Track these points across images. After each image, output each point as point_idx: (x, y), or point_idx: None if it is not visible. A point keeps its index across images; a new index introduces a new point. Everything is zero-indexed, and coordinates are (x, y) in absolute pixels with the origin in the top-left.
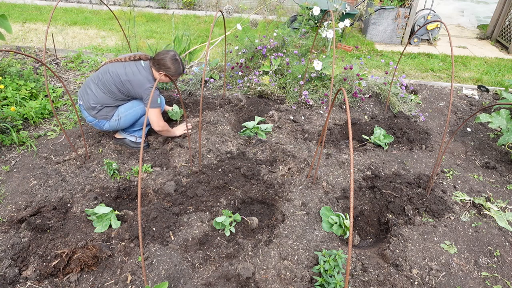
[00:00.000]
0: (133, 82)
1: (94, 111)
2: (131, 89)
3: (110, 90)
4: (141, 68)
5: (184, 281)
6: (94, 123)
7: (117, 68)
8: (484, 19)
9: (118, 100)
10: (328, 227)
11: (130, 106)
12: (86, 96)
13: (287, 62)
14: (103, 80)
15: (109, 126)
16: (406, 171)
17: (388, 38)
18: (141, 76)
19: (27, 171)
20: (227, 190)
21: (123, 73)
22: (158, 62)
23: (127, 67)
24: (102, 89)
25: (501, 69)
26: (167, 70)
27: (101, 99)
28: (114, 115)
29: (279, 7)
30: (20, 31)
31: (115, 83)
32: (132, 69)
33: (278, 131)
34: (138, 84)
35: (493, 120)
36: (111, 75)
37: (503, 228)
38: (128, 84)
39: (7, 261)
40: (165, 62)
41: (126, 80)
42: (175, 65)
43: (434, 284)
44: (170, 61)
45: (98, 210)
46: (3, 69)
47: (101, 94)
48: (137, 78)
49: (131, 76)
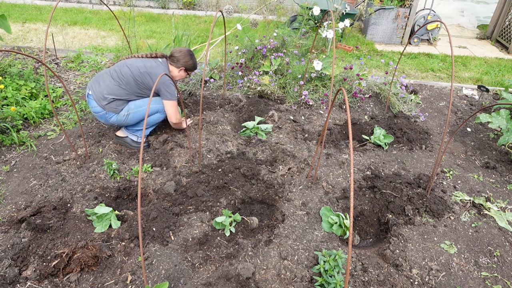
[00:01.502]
0: (153, 75)
1: (104, 101)
2: (149, 81)
3: (126, 81)
4: (160, 63)
5: (184, 281)
6: (101, 115)
7: (135, 62)
8: (484, 19)
9: (132, 94)
10: (328, 227)
11: (141, 103)
12: (98, 87)
13: (287, 62)
14: (120, 72)
15: (116, 120)
16: (406, 171)
17: (388, 38)
18: (160, 69)
19: (27, 171)
20: (227, 190)
21: (142, 65)
22: (177, 58)
23: (145, 62)
24: (117, 81)
25: (501, 69)
26: (186, 64)
27: (114, 91)
28: (124, 110)
29: (279, 7)
30: (20, 31)
31: (133, 75)
32: (151, 63)
33: (278, 131)
34: (156, 76)
35: (493, 120)
36: (129, 68)
37: (503, 228)
38: (147, 76)
39: (7, 261)
40: (184, 57)
41: (145, 72)
42: (193, 59)
43: (434, 284)
44: (188, 56)
45: (98, 210)
46: (3, 69)
47: (115, 86)
48: (157, 71)
49: (150, 69)
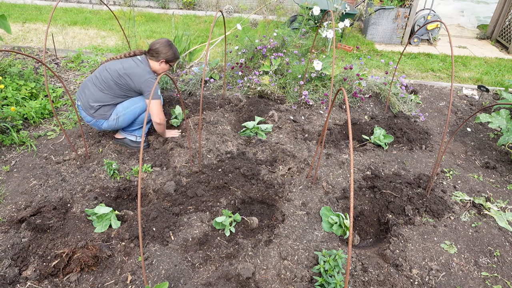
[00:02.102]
0: (132, 76)
1: (92, 110)
2: (130, 83)
3: (108, 86)
4: (138, 62)
5: (184, 281)
6: (93, 123)
7: (114, 65)
8: (484, 19)
9: (116, 97)
10: (328, 227)
11: (128, 105)
12: (84, 96)
13: (287, 62)
14: (101, 78)
15: (107, 125)
16: (406, 171)
17: (388, 38)
18: (139, 69)
19: (27, 171)
20: (227, 190)
21: (120, 67)
22: (156, 51)
23: (123, 63)
24: (99, 87)
25: (501, 69)
26: (166, 56)
27: (99, 98)
28: (112, 115)
29: (279, 7)
30: (20, 31)
31: (113, 78)
32: (130, 63)
33: (278, 131)
34: (137, 76)
35: (493, 120)
36: (108, 72)
37: (503, 228)
38: (127, 77)
39: (7, 261)
40: (163, 48)
41: (124, 73)
42: (172, 49)
43: (434, 284)
44: (167, 47)
45: (98, 210)
46: (3, 69)
47: (98, 92)
48: (136, 71)
49: (129, 70)
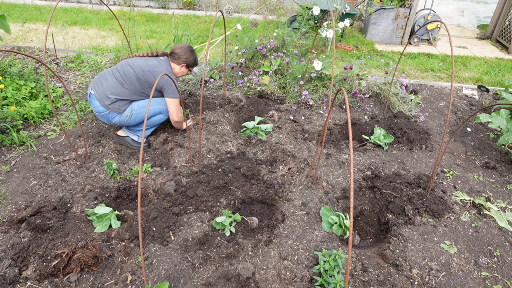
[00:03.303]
0: (156, 74)
1: (107, 101)
2: (152, 80)
3: (130, 81)
4: (162, 61)
5: (184, 281)
6: (104, 115)
7: (137, 61)
8: (484, 19)
9: (135, 93)
10: (328, 227)
11: (144, 104)
12: (101, 87)
13: (287, 62)
14: (123, 72)
15: (119, 120)
16: (406, 171)
17: (388, 38)
18: (163, 67)
19: (27, 171)
20: (227, 190)
21: (144, 64)
22: (178, 55)
23: (148, 61)
24: (120, 80)
25: (501, 69)
26: (187, 60)
27: (118, 91)
28: (127, 110)
29: (279, 7)
30: (20, 31)
31: (136, 74)
32: (154, 62)
33: (278, 131)
34: (159, 74)
35: (493, 120)
36: (132, 67)
37: (503, 228)
38: (150, 75)
39: (7, 261)
40: (185, 53)
41: (148, 70)
42: (193, 55)
43: (434, 284)
44: (189, 52)
45: (98, 210)
46: (3, 69)
47: (119, 86)
48: (160, 70)
49: (153, 68)
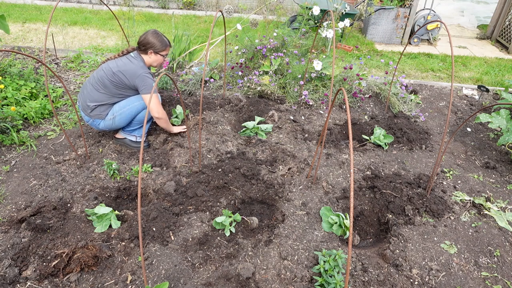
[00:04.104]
0: (126, 72)
1: (88, 110)
2: (124, 79)
3: (103, 85)
4: (132, 59)
5: (184, 281)
6: (90, 123)
7: (109, 64)
8: (484, 19)
9: (113, 96)
10: (328, 227)
11: (124, 104)
12: (82, 96)
13: (287, 62)
14: (97, 77)
15: (104, 125)
16: (406, 171)
17: (388, 38)
18: (132, 65)
19: (27, 171)
20: (227, 190)
21: (114, 66)
22: (143, 45)
23: (118, 61)
24: (96, 86)
25: (501, 69)
26: (153, 46)
27: (95, 97)
28: (109, 114)
29: (279, 7)
30: (20, 31)
31: (108, 76)
32: (123, 61)
33: (278, 131)
34: (131, 72)
35: (493, 120)
36: (104, 71)
37: (503, 228)
38: (121, 74)
39: (7, 261)
40: (148, 40)
41: (118, 71)
42: (158, 38)
43: (434, 284)
44: (151, 37)
45: (98, 210)
46: (3, 69)
47: (95, 92)
48: (129, 67)
49: (122, 67)
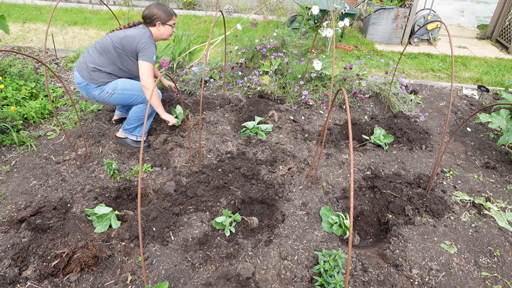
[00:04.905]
0: (130, 37)
1: (85, 71)
2: (127, 45)
3: (107, 50)
4: (140, 29)
5: (184, 281)
6: (83, 86)
7: (117, 33)
8: (484, 19)
9: (113, 64)
10: (328, 227)
11: (129, 87)
12: (82, 58)
13: (287, 62)
14: (102, 43)
15: (98, 95)
16: (406, 171)
17: (388, 38)
18: (140, 33)
19: (27, 171)
20: (227, 190)
21: (122, 34)
22: (148, 17)
23: (126, 31)
24: (99, 49)
25: (501, 69)
26: (158, 17)
27: (96, 60)
28: (109, 87)
29: (279, 7)
30: (20, 31)
31: (113, 42)
32: (132, 30)
33: (278, 131)
34: (137, 37)
35: (493, 120)
36: (110, 37)
37: (503, 228)
38: (125, 40)
39: (7, 261)
40: (152, 12)
41: (123, 36)
42: (162, 9)
43: (434, 284)
44: (154, 9)
45: (98, 210)
46: (3, 69)
47: (97, 54)
48: (134, 33)
49: (128, 33)
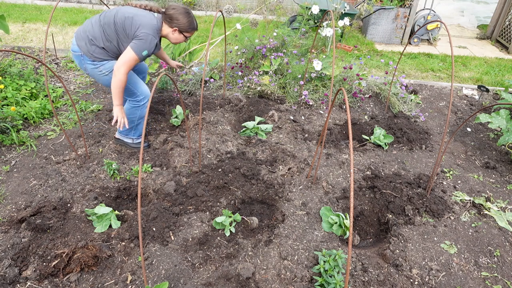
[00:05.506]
0: (136, 20)
1: (82, 41)
2: (127, 27)
3: (107, 23)
4: (153, 17)
5: (184, 281)
6: (77, 55)
7: (127, 8)
8: (484, 19)
9: (106, 40)
10: (328, 227)
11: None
12: (82, 27)
13: (287, 62)
14: (107, 14)
15: (91, 69)
16: (406, 171)
17: (388, 38)
18: (148, 20)
19: (27, 171)
20: (227, 190)
21: (131, 12)
22: (170, 17)
23: (139, 10)
24: (101, 20)
25: (501, 69)
26: (180, 25)
27: (95, 30)
28: (105, 67)
29: (279, 7)
30: (20, 31)
31: (116, 17)
32: (143, 13)
33: (278, 131)
34: (140, 23)
35: (493, 120)
36: (117, 11)
37: (503, 228)
38: (127, 22)
39: (7, 261)
40: (178, 15)
41: (129, 17)
42: (188, 18)
43: (434, 284)
44: (182, 14)
45: (98, 210)
46: (3, 69)
47: (97, 25)
48: (143, 20)
49: (136, 16)
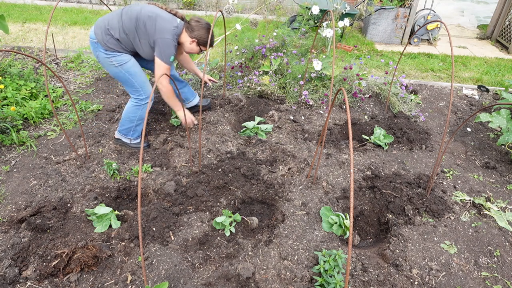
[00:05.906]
0: (158, 24)
1: (99, 30)
2: (149, 27)
3: (129, 17)
4: (175, 21)
5: (184, 281)
6: (92, 42)
7: (153, 7)
8: (484, 19)
9: (124, 33)
10: (328, 227)
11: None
12: (103, 17)
13: (286, 62)
14: (131, 8)
15: (102, 58)
16: (406, 171)
17: (388, 38)
18: (169, 25)
19: (27, 171)
20: (227, 190)
21: (156, 11)
22: (192, 28)
23: (162, 12)
24: (123, 13)
25: (501, 69)
26: (199, 37)
27: (113, 22)
28: (117, 59)
29: (279, 7)
30: (20, 31)
31: (140, 13)
32: (168, 17)
33: (278, 131)
34: (161, 28)
35: (493, 120)
36: (141, 8)
37: (503, 228)
38: (149, 22)
39: (7, 261)
40: (200, 29)
41: (152, 16)
42: (209, 34)
43: (434, 284)
44: (204, 29)
45: (98, 210)
46: (3, 69)
47: (117, 18)
48: (165, 25)
49: (158, 17)
